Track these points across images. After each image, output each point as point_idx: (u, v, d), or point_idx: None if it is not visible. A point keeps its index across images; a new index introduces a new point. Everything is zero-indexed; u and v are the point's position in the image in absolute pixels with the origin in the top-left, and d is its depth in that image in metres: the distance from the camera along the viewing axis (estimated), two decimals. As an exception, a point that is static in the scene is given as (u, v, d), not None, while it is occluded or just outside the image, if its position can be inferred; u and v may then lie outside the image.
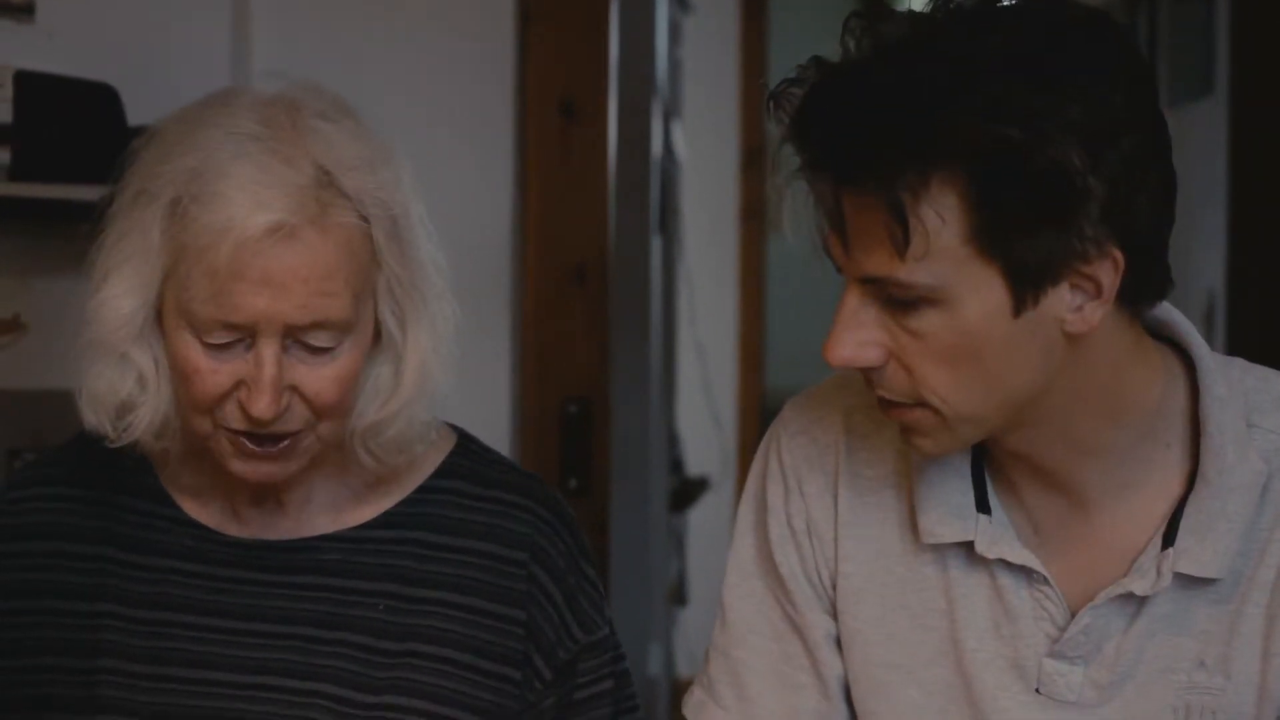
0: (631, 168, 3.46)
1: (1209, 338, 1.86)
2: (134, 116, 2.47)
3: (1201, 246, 4.92)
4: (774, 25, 6.57)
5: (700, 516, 5.97)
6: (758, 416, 6.42)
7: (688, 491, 5.74)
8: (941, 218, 1.48)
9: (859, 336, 1.55)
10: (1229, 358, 1.67)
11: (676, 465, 5.60)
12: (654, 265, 3.93)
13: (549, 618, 1.85)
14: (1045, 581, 1.63)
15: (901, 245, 1.49)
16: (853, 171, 1.50)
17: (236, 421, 1.73)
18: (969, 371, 1.53)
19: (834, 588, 1.71)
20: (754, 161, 6.48)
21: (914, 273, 1.50)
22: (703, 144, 6.09)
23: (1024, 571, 1.64)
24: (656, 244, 4.11)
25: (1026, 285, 1.50)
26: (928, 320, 1.52)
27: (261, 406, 1.71)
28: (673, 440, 5.44)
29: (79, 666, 1.83)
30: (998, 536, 1.64)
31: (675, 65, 5.18)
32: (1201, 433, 1.61)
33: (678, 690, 5.54)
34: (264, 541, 1.86)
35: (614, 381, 3.11)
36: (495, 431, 2.87)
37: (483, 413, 1.87)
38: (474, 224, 2.86)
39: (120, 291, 1.76)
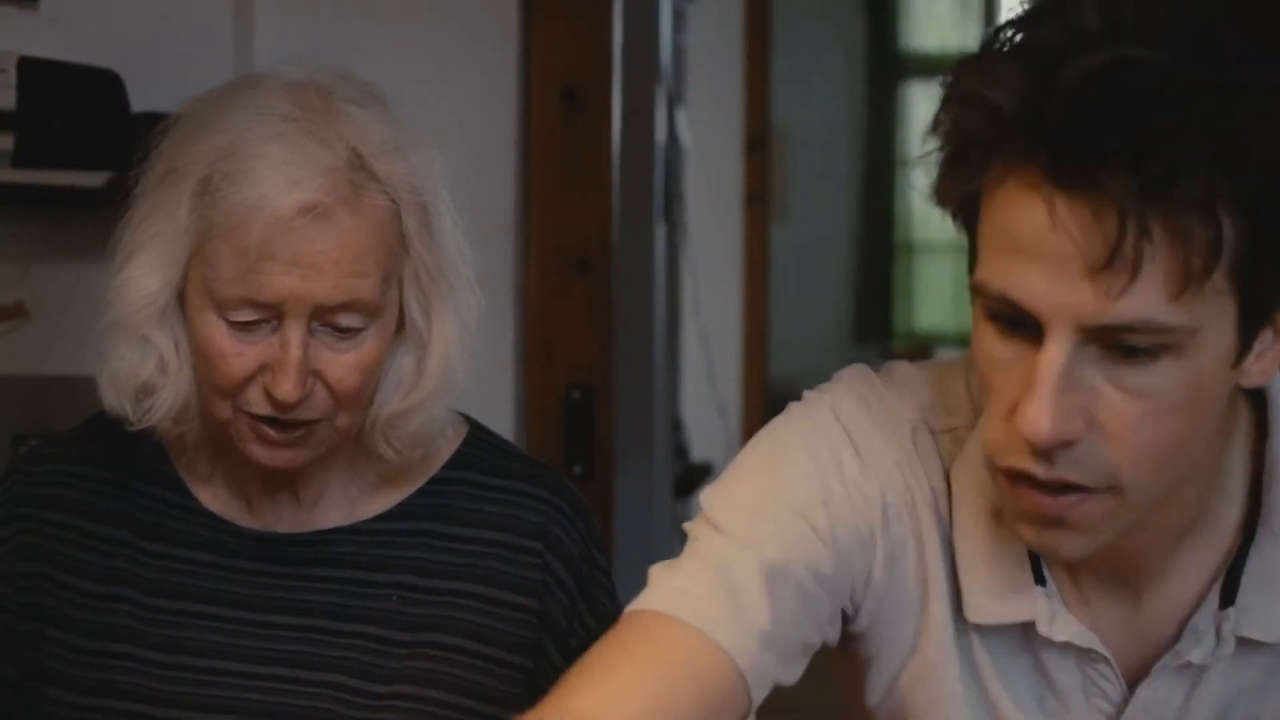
0: (635, 154, 3.46)
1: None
2: (137, 103, 2.47)
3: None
4: (778, 11, 6.56)
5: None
6: (761, 403, 6.42)
7: (691, 478, 5.74)
8: (1229, 241, 1.25)
9: (1070, 403, 1.27)
10: None
11: (680, 452, 5.60)
12: (657, 252, 3.93)
13: (562, 606, 1.85)
14: (1104, 660, 1.46)
15: (1199, 274, 1.24)
16: (1167, 176, 1.23)
17: (259, 406, 1.73)
18: (1180, 434, 1.31)
19: (864, 590, 1.51)
20: (758, 148, 6.47)
21: (1180, 313, 1.25)
22: (707, 130, 6.08)
23: (1077, 650, 1.47)
24: (660, 231, 4.11)
25: (1252, 326, 1.30)
26: (1161, 373, 1.28)
27: (286, 389, 1.71)
28: (676, 427, 5.44)
29: (91, 648, 1.83)
30: (1056, 613, 1.45)
31: (679, 52, 5.17)
32: (1266, 476, 1.44)
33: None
34: (277, 534, 1.86)
35: (617, 368, 3.11)
36: (499, 419, 2.87)
37: (487, 400, 1.87)
38: (477, 211, 2.86)
39: (144, 271, 1.75)
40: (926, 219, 8.73)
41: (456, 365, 1.82)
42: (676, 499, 5.39)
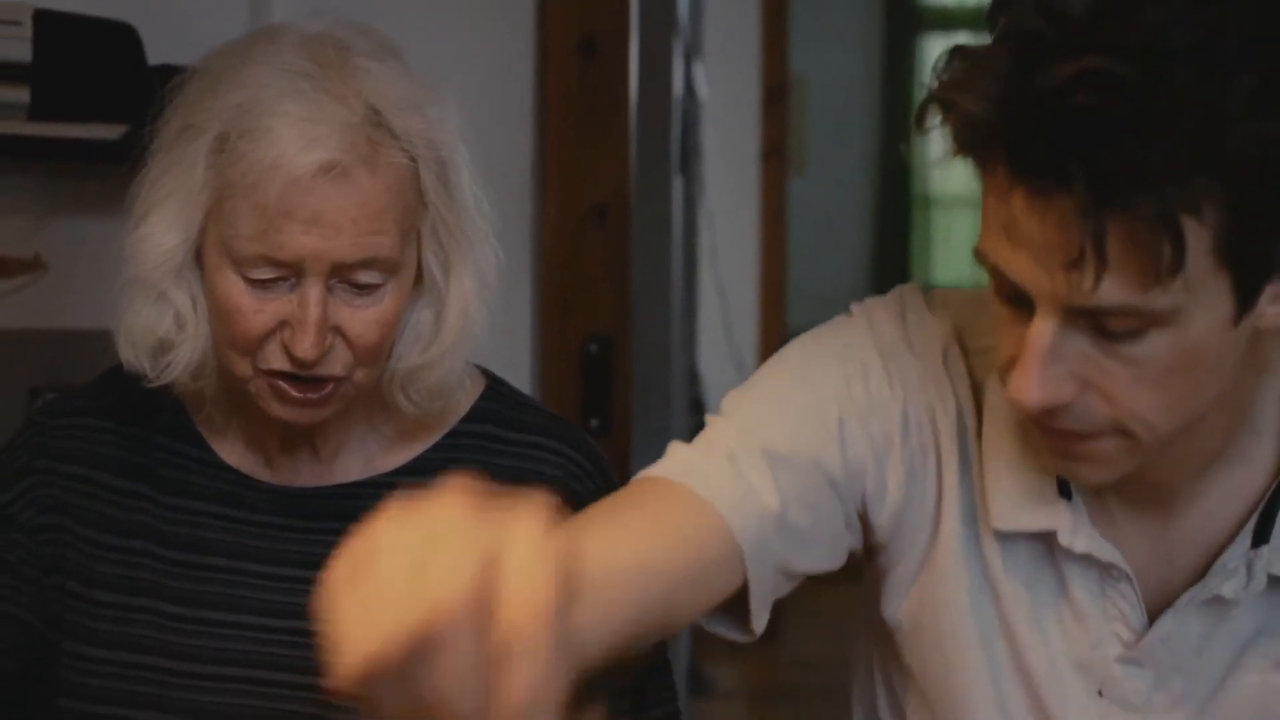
0: (652, 107, 3.45)
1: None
2: (153, 55, 2.46)
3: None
4: (796, -37, 6.55)
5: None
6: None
7: (709, 431, 5.75)
8: (1199, 231, 1.28)
9: (1057, 374, 1.33)
10: None
11: (697, 404, 5.60)
12: (675, 205, 3.93)
13: (577, 559, 1.85)
14: (1126, 579, 1.49)
15: (1167, 267, 1.27)
16: (1127, 189, 1.26)
17: (278, 362, 1.73)
18: (1180, 389, 1.35)
19: (881, 504, 1.54)
20: (775, 100, 6.46)
21: (1158, 298, 1.29)
22: (724, 83, 6.07)
23: (1099, 567, 1.49)
24: (677, 183, 4.11)
25: (1252, 288, 1.33)
26: (1150, 345, 1.32)
27: (306, 346, 1.70)
28: (693, 379, 5.44)
29: (110, 601, 1.83)
30: (1079, 526, 1.48)
31: (696, 4, 5.17)
32: None
33: (696, 631, 5.55)
34: (296, 488, 1.86)
35: (635, 321, 3.11)
36: (516, 371, 2.87)
37: (504, 352, 1.86)
38: (494, 164, 2.85)
39: (162, 228, 1.75)
40: (944, 172, 8.71)
41: (475, 319, 1.81)
42: (694, 452, 5.40)
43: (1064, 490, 1.49)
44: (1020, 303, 1.36)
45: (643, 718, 1.88)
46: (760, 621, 1.54)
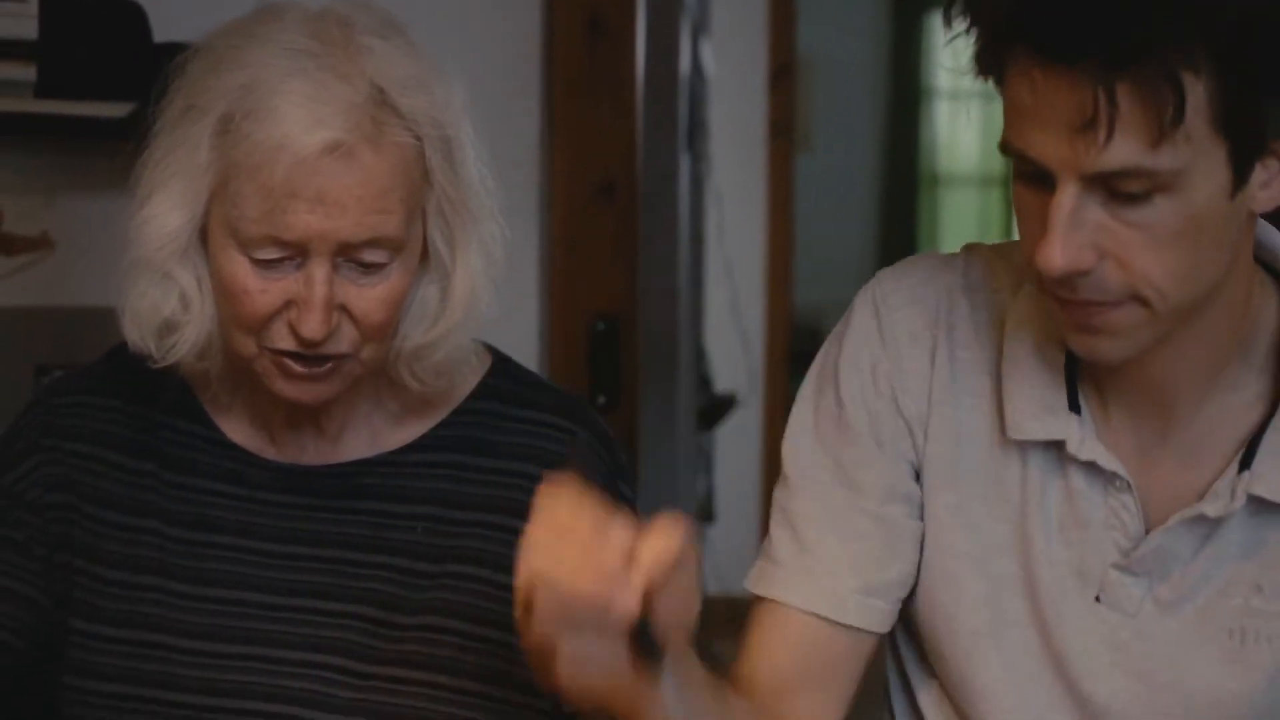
0: (659, 85, 3.45)
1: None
2: (160, 33, 2.46)
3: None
4: (803, -60, 6.53)
5: (728, 434, 5.98)
6: (786, 334, 6.41)
7: (715, 409, 5.75)
8: (1197, 89, 1.43)
9: (1078, 240, 1.48)
10: None
11: (704, 383, 5.60)
12: (682, 182, 3.93)
13: (586, 537, 1.85)
14: (1128, 489, 1.61)
15: (1169, 126, 1.43)
16: (1134, 51, 1.43)
17: (284, 341, 1.73)
18: (1188, 257, 1.49)
19: (919, 467, 1.69)
20: (782, 78, 6.44)
21: (1163, 158, 1.44)
22: (731, 61, 6.06)
23: (1104, 478, 1.62)
24: (684, 162, 4.11)
25: (1246, 161, 1.47)
26: (1157, 210, 1.46)
27: (312, 326, 1.70)
28: (700, 357, 5.44)
29: (116, 579, 1.83)
30: (1085, 436, 1.62)
31: (703, -19, 5.15)
32: None
33: (706, 606, 5.55)
34: (302, 466, 1.86)
35: (641, 299, 3.11)
36: (523, 349, 2.87)
37: (511, 330, 1.86)
38: (502, 141, 2.85)
39: (165, 209, 1.74)
40: (952, 151, 8.70)
41: (481, 296, 1.81)
42: (700, 429, 5.40)
43: (1073, 406, 1.62)
44: (1042, 183, 1.49)
45: None
46: None
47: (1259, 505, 1.59)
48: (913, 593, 1.70)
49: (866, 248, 7.87)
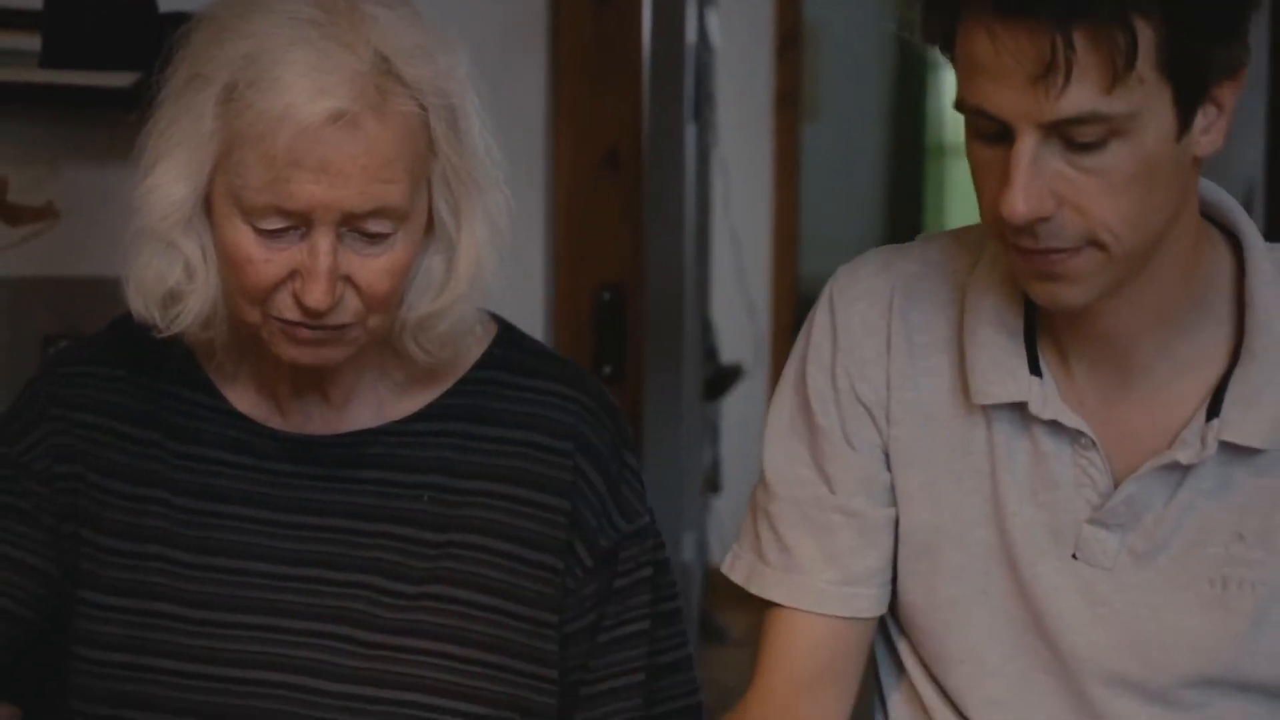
0: (665, 54, 3.44)
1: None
2: (165, 3, 2.46)
3: (1240, 135, 4.88)
4: (809, -91, 6.52)
5: (733, 404, 5.98)
6: (792, 304, 6.41)
7: (721, 379, 5.75)
8: (1147, 32, 1.50)
9: (1039, 188, 1.54)
10: (1273, 244, 1.70)
11: (710, 353, 5.60)
12: (688, 152, 3.92)
13: (592, 506, 1.85)
14: (1093, 446, 1.66)
15: (1123, 70, 1.49)
16: (1089, 10, 1.49)
17: (289, 311, 1.73)
18: (1141, 201, 1.55)
19: (886, 450, 1.75)
20: (788, 47, 6.43)
21: (1117, 102, 1.51)
22: (737, 30, 6.05)
23: (1070, 436, 1.67)
24: (690, 131, 4.10)
25: (1189, 105, 1.54)
26: (1112, 154, 1.53)
27: (316, 296, 1.70)
28: (706, 328, 5.44)
29: (122, 549, 1.84)
30: (1049, 398, 1.66)
31: (709, -50, 5.14)
32: (1247, 308, 1.65)
33: (711, 577, 5.56)
34: (308, 436, 1.86)
35: (647, 268, 3.11)
36: (529, 318, 2.86)
37: (516, 300, 1.86)
38: (508, 111, 2.84)
39: (170, 178, 1.74)
40: (959, 121, 8.68)
41: (487, 265, 1.81)
42: (706, 400, 5.40)
43: (1035, 370, 1.68)
44: (999, 139, 1.55)
45: (655, 662, 1.88)
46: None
47: (1228, 451, 1.64)
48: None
49: (873, 217, 7.85)
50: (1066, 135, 1.52)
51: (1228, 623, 1.65)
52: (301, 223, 1.70)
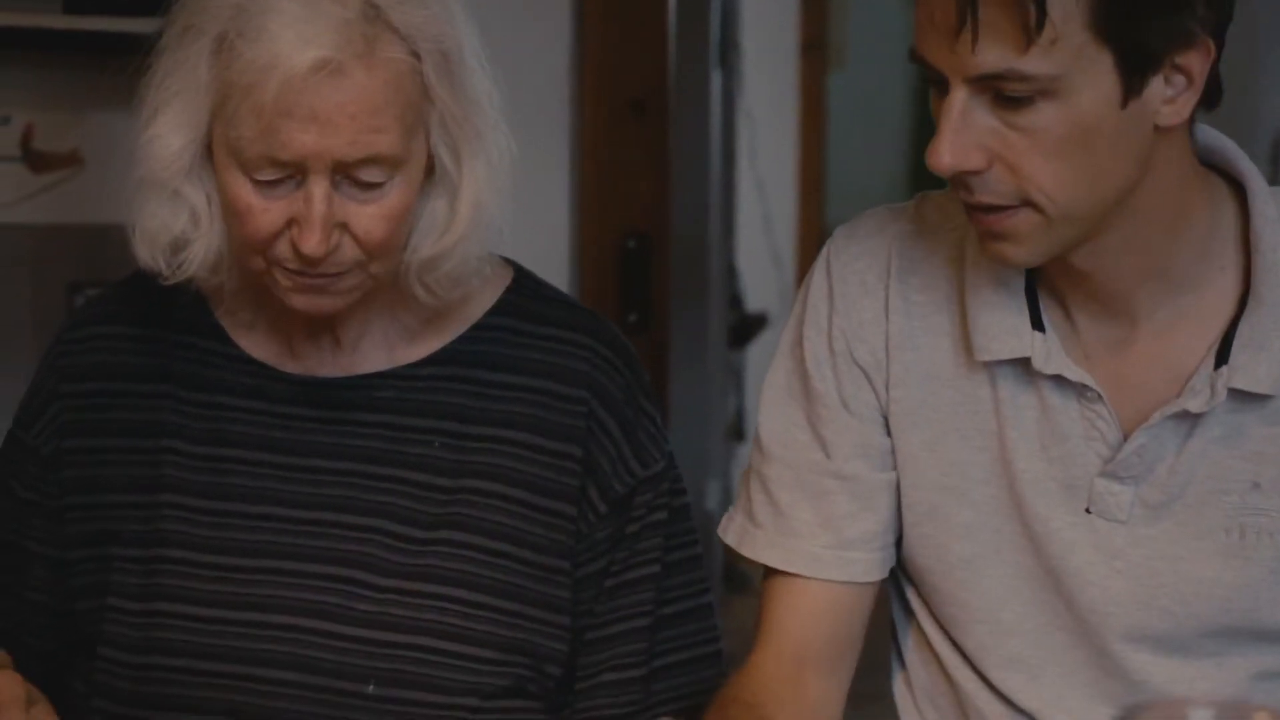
0: (691, 1, 3.43)
1: (1274, 178, 1.86)
2: (189, -52, 2.45)
3: (1266, 87, 4.85)
4: None
5: (758, 352, 5.97)
6: (817, 252, 6.40)
7: (746, 327, 5.74)
8: (1072, 2, 1.49)
9: (966, 140, 1.55)
10: (1277, 187, 1.68)
11: (735, 301, 5.60)
12: (713, 100, 3.91)
13: (606, 452, 1.85)
14: (1099, 399, 1.65)
15: (1034, 31, 1.49)
16: None
17: (288, 260, 1.73)
18: (1077, 165, 1.54)
19: (885, 413, 1.74)
20: (815, -6, 6.41)
21: (1037, 63, 1.50)
22: (763, -24, 6.03)
23: (1076, 390, 1.66)
24: (716, 78, 4.08)
25: (1135, 73, 1.52)
26: (1041, 115, 1.52)
27: (312, 244, 1.70)
28: (731, 276, 5.43)
29: (141, 502, 1.84)
30: (1053, 353, 1.66)
31: (736, -104, 5.12)
32: (1253, 254, 1.63)
33: (735, 525, 5.55)
34: (320, 379, 1.86)
35: (673, 217, 3.10)
36: (554, 266, 2.87)
37: (542, 247, 1.86)
38: (531, 56, 2.85)
39: (169, 129, 1.75)
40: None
41: (489, 206, 1.80)
42: (731, 348, 5.40)
43: (1037, 325, 1.67)
44: (944, 91, 1.56)
45: (666, 610, 1.88)
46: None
47: (1238, 398, 1.62)
48: (901, 534, 1.76)
49: (898, 165, 7.83)
50: (996, 90, 1.52)
51: (1246, 572, 1.64)
52: (296, 172, 1.70)
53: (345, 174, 1.70)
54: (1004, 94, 1.52)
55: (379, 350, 1.86)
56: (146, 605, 1.82)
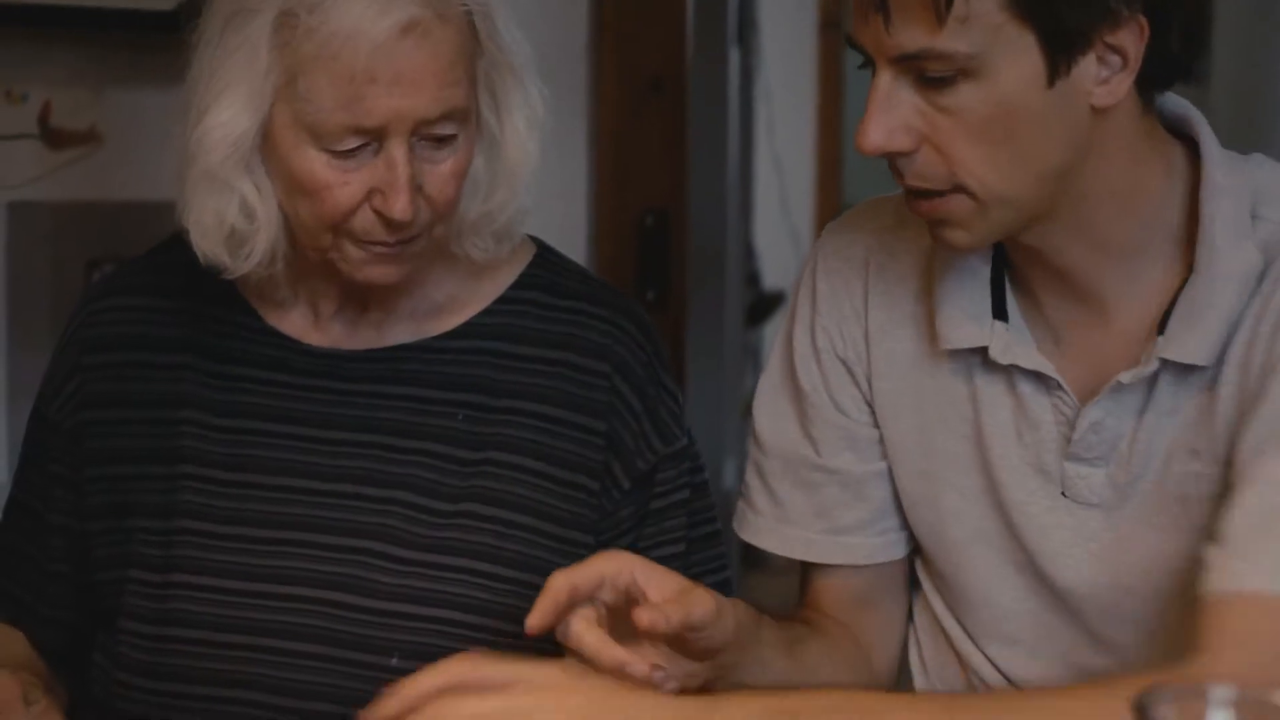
0: (709, -22, 3.42)
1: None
2: (208, -75, 2.45)
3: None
4: None
5: (775, 331, 5.96)
6: (835, 231, 6.39)
7: (763, 305, 5.74)
8: None
9: (891, 121, 1.54)
10: (1254, 154, 1.66)
11: (753, 279, 5.59)
12: (731, 77, 3.90)
13: (629, 427, 1.86)
14: (1059, 386, 1.65)
15: (943, 10, 1.48)
16: None
17: (374, 230, 1.73)
18: (1004, 147, 1.53)
19: (870, 404, 1.76)
20: (833, -28, 6.39)
21: (952, 41, 1.49)
22: (781, -46, 6.02)
23: (1040, 377, 1.66)
24: (734, 56, 4.08)
25: (1060, 52, 1.50)
26: (964, 95, 1.51)
27: (401, 206, 1.71)
28: (749, 254, 5.43)
29: (161, 473, 1.85)
30: (1012, 343, 1.66)
31: (754, -127, 5.11)
32: (1199, 224, 1.61)
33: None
34: (344, 351, 1.86)
35: (691, 194, 3.10)
36: (573, 243, 2.87)
37: (560, 224, 1.87)
38: (550, 33, 2.84)
39: (229, 115, 1.74)
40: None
41: (531, 157, 1.82)
42: (748, 326, 5.39)
43: (1000, 313, 1.67)
44: (873, 72, 1.56)
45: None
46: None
47: (1176, 370, 1.61)
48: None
49: (917, 144, 7.81)
50: (919, 70, 1.52)
51: (1184, 539, 1.63)
52: (375, 137, 1.70)
53: (421, 134, 1.71)
54: (926, 74, 1.52)
55: (405, 324, 1.87)
56: (165, 577, 1.83)
